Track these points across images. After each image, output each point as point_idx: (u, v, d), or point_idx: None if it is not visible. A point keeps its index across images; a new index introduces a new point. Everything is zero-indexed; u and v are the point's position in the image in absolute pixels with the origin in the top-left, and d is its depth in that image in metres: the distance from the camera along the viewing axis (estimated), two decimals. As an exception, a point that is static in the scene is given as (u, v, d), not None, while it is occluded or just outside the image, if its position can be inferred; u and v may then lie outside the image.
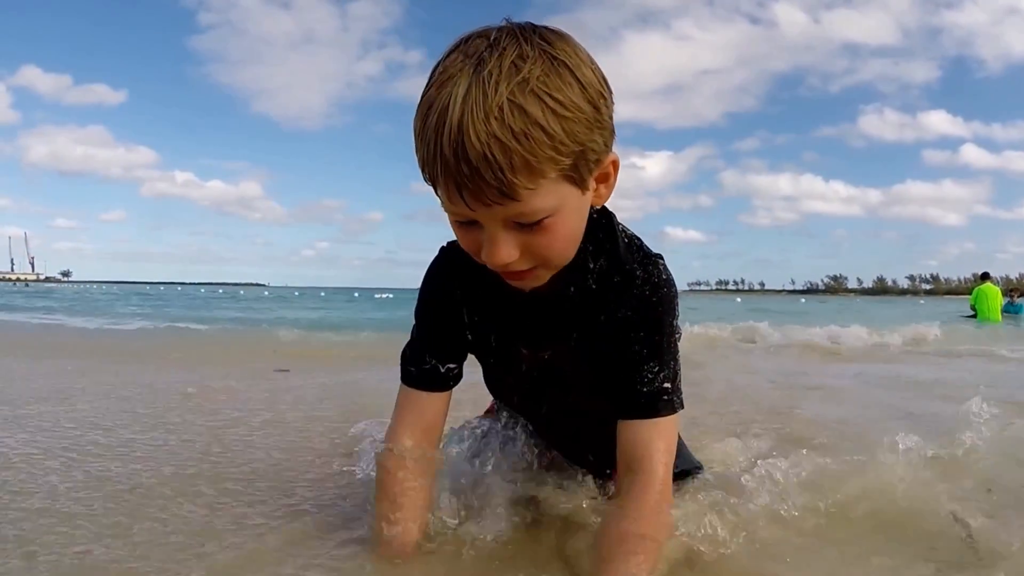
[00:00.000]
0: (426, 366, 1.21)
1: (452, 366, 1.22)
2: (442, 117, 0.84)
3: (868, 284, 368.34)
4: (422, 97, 0.90)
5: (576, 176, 0.92)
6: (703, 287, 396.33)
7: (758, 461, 1.42)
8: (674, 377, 1.12)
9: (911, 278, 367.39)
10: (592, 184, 0.97)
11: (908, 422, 2.30)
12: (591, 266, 1.11)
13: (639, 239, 1.17)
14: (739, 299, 41.58)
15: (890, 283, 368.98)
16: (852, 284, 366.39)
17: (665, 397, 1.11)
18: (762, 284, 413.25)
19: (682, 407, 1.14)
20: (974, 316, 11.24)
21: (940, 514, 1.26)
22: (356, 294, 57.40)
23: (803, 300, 40.56)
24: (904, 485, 1.33)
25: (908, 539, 1.20)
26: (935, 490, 1.35)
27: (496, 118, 0.82)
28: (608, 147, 0.96)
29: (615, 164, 1.00)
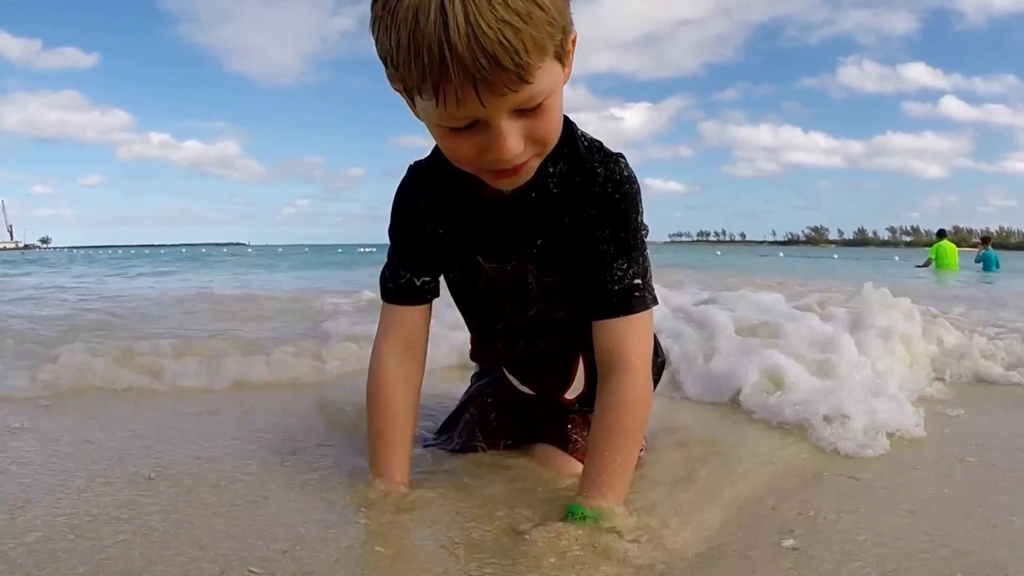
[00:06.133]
0: (401, 280, 1.24)
1: (427, 279, 1.25)
2: (442, 18, 0.81)
3: (849, 235, 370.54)
4: (391, 10, 0.85)
5: (562, 52, 0.94)
6: (684, 238, 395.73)
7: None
8: (644, 273, 1.14)
9: (892, 230, 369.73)
10: (568, 64, 0.99)
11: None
12: (550, 170, 1.12)
13: (599, 141, 1.17)
14: (719, 251, 42.81)
15: (871, 234, 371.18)
16: (833, 236, 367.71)
17: (637, 294, 1.13)
18: (743, 235, 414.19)
19: (655, 303, 1.17)
20: (927, 266, 12.05)
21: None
22: (340, 250, 57.31)
23: (781, 254, 38.96)
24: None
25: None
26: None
27: (500, 4, 0.81)
28: (572, 23, 0.98)
29: (574, 41, 1.03)
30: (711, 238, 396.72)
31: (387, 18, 0.86)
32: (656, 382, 1.36)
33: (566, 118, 1.13)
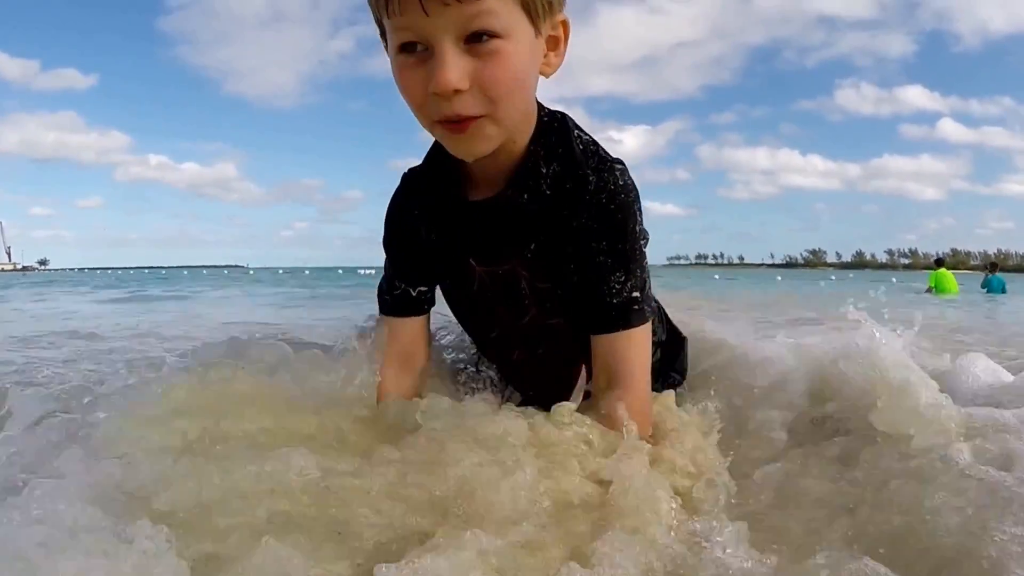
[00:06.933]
0: (397, 291, 1.23)
1: (423, 289, 1.24)
2: None
3: (847, 258, 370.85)
4: None
5: (531, 9, 0.95)
6: (682, 261, 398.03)
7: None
8: (643, 286, 1.11)
9: (890, 252, 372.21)
10: (545, 33, 1.00)
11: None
12: (543, 170, 1.10)
13: (596, 144, 1.14)
14: (716, 275, 42.70)
15: (869, 257, 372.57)
16: (831, 258, 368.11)
17: (636, 307, 1.10)
18: (741, 258, 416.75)
19: (654, 313, 1.16)
20: (929, 292, 12.16)
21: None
22: (340, 271, 57.99)
23: (779, 277, 38.60)
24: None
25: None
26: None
27: None
28: (562, 1, 1.00)
29: (565, 27, 1.03)
30: (709, 261, 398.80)
31: None
32: (676, 359, 1.35)
33: (564, 116, 1.13)
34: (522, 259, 1.14)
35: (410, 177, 1.24)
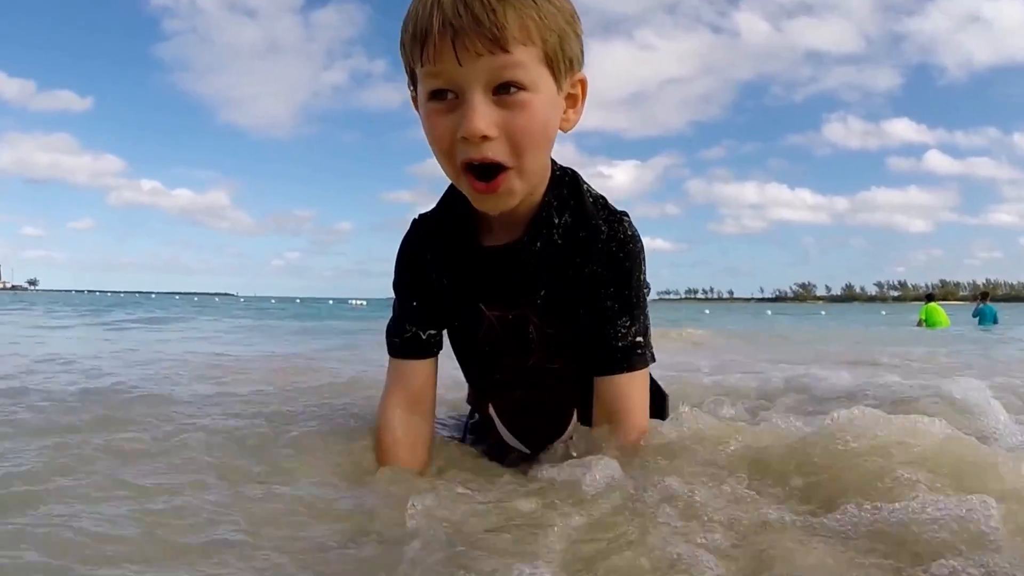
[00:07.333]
0: (407, 334, 1.24)
1: (433, 332, 1.26)
2: None
3: (837, 291, 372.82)
4: (411, 3, 1.01)
5: (554, 65, 1.01)
6: (672, 296, 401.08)
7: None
8: (645, 331, 1.17)
9: (879, 285, 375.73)
10: (565, 91, 1.06)
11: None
12: (556, 221, 1.15)
13: (604, 197, 1.20)
14: (707, 310, 42.14)
15: (858, 290, 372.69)
16: (821, 291, 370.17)
17: (639, 351, 1.16)
18: (731, 292, 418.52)
19: (654, 360, 1.20)
20: (919, 325, 12.06)
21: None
22: (330, 301, 56.33)
23: (769, 312, 39.41)
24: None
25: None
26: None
27: None
28: (580, 61, 1.06)
29: (583, 85, 1.10)
30: (699, 295, 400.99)
31: (406, 13, 1.02)
32: (661, 413, 1.33)
33: (575, 172, 1.19)
34: (532, 305, 1.18)
35: (421, 222, 1.27)
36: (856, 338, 8.36)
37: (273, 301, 58.89)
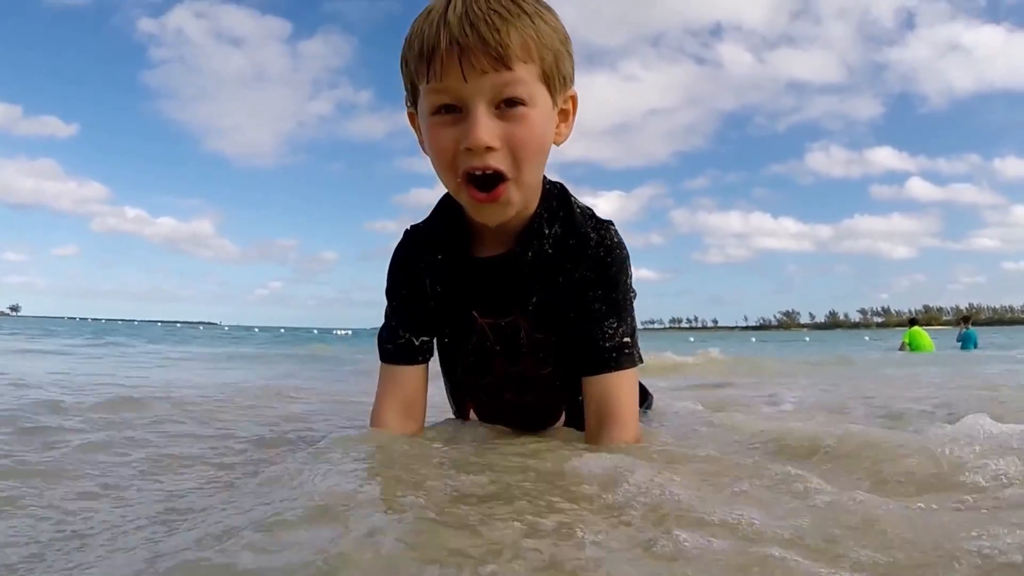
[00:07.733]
0: (400, 340, 1.26)
1: (425, 338, 1.28)
2: (446, 4, 1.02)
3: (821, 319, 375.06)
4: (414, 22, 1.06)
5: (550, 82, 1.07)
6: (656, 325, 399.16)
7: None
8: (632, 333, 1.21)
9: (862, 311, 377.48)
10: (559, 106, 1.12)
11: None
12: (546, 231, 1.19)
13: (591, 209, 1.26)
14: (692, 338, 42.03)
15: (842, 317, 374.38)
16: (804, 319, 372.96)
17: (627, 351, 1.19)
18: (715, 321, 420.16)
19: (641, 361, 1.23)
20: (902, 349, 12.06)
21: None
22: (315, 331, 55.65)
23: (753, 339, 39.58)
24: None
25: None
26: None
27: (496, 1, 1.01)
28: (572, 78, 1.13)
29: (574, 101, 1.16)
30: (683, 324, 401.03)
31: (412, 25, 1.06)
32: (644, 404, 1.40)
33: (563, 186, 1.24)
34: (524, 311, 1.22)
35: (414, 233, 1.30)
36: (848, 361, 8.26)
37: (256, 330, 58.65)
